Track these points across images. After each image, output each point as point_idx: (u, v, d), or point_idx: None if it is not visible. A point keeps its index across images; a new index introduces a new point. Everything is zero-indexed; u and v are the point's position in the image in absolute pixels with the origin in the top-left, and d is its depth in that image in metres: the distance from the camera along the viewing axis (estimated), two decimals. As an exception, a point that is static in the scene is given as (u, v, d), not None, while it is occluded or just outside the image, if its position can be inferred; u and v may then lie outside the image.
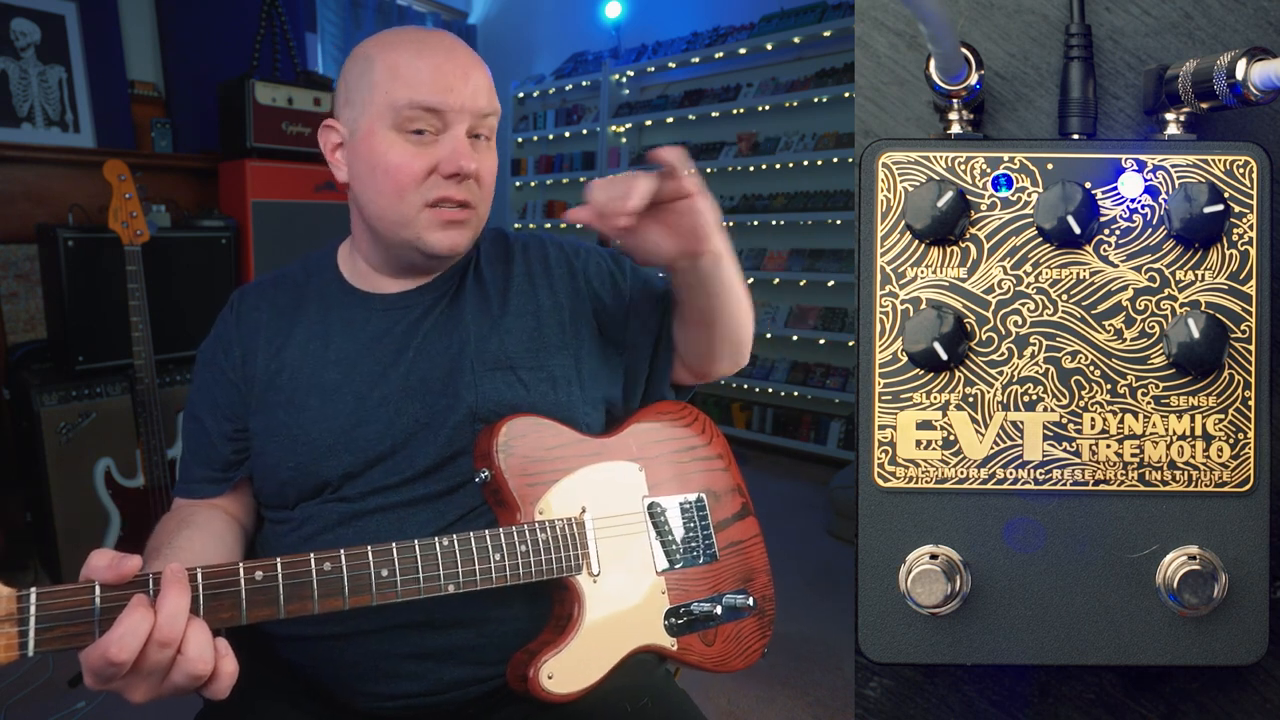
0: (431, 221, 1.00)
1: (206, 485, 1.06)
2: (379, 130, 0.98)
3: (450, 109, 0.98)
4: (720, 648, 1.11)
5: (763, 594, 1.16)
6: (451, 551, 0.88)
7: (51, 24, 3.12)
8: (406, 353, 1.03)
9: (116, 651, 0.68)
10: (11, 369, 2.87)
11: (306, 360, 1.03)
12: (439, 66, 0.98)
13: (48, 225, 2.68)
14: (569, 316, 1.10)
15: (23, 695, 2.18)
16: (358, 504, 0.99)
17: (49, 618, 0.68)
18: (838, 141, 4.64)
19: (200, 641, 0.72)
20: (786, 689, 2.32)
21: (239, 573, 0.77)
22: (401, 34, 1.05)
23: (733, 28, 5.14)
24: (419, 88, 0.97)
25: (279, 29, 3.30)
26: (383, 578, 0.84)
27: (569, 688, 0.95)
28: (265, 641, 1.04)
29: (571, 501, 1.01)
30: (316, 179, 3.28)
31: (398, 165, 0.97)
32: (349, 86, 1.03)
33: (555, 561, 0.96)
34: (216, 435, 1.06)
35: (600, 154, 5.82)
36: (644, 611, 1.03)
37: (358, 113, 1.01)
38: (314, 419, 1.00)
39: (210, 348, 1.10)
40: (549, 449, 1.01)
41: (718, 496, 1.17)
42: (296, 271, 1.13)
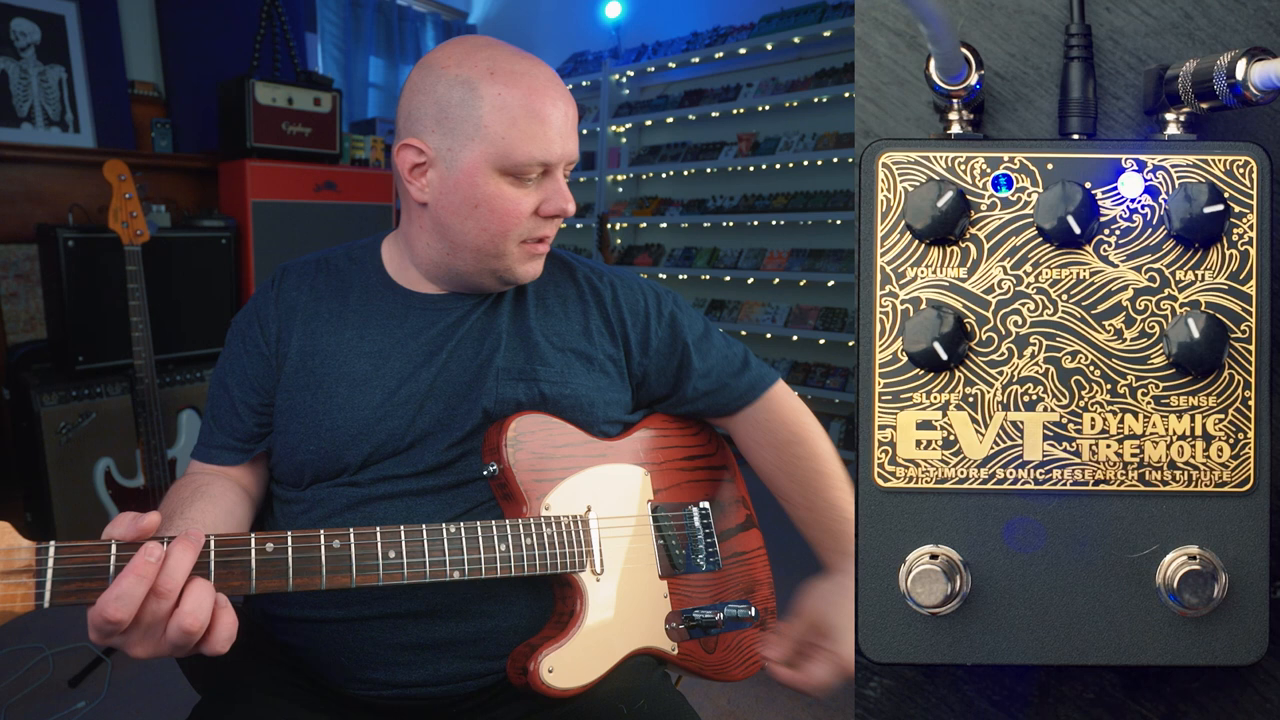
0: (524, 255, 1.03)
1: (226, 453, 1.07)
2: (484, 170, 0.98)
3: (559, 162, 1.00)
4: (721, 656, 1.11)
5: (764, 606, 1.16)
6: (458, 538, 0.90)
7: (51, 24, 3.12)
8: (439, 355, 1.04)
9: (113, 610, 0.70)
10: (11, 369, 2.87)
11: (340, 348, 1.05)
12: (554, 122, 0.98)
13: (48, 225, 2.68)
14: (603, 342, 1.11)
15: (23, 695, 2.18)
16: (368, 489, 1.01)
17: (65, 572, 0.70)
18: (838, 141, 4.64)
19: (198, 596, 0.74)
20: (786, 689, 2.32)
21: (250, 543, 0.79)
22: (507, 64, 0.99)
23: (733, 28, 5.14)
24: (537, 146, 0.97)
25: (279, 29, 3.30)
26: (389, 559, 0.86)
27: (568, 683, 0.95)
28: (262, 623, 1.05)
29: (577, 499, 1.02)
30: (316, 179, 3.28)
31: (506, 209, 0.99)
32: (445, 112, 0.98)
33: (559, 556, 0.97)
34: (242, 406, 1.07)
35: (600, 154, 5.81)
36: (645, 613, 1.04)
37: (457, 145, 0.98)
38: (340, 407, 1.02)
39: (245, 319, 1.11)
40: (557, 447, 1.03)
41: (722, 507, 1.17)
42: (340, 257, 1.14)
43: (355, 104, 5.31)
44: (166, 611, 0.73)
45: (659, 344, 1.13)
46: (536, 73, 1.00)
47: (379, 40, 5.69)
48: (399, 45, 5.83)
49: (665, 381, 1.15)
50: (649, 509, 1.09)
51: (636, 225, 5.72)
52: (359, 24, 5.51)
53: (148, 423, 2.42)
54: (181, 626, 0.73)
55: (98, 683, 2.24)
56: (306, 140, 3.24)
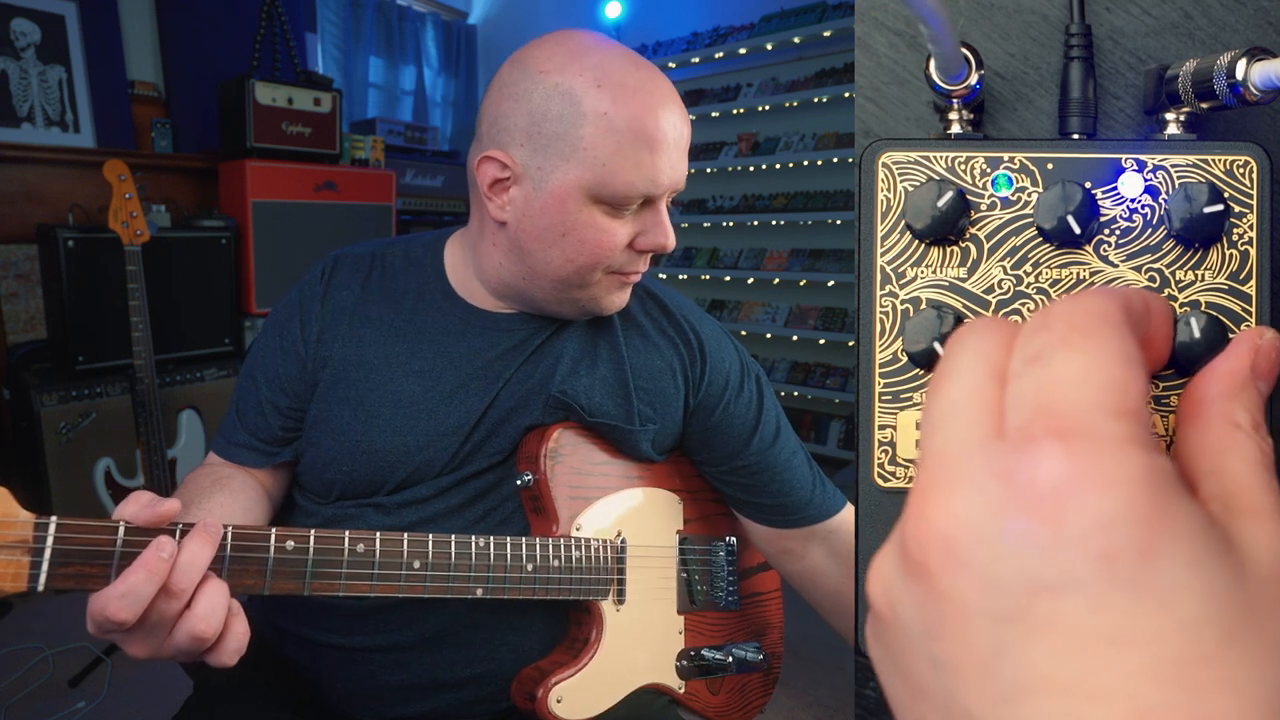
0: (612, 285, 0.93)
1: (247, 453, 0.99)
2: (577, 196, 0.86)
3: (665, 192, 0.88)
4: (724, 699, 1.07)
5: (773, 650, 1.13)
6: (486, 553, 0.85)
7: (51, 24, 3.12)
8: (496, 383, 0.95)
9: (116, 609, 0.64)
10: (11, 369, 2.87)
11: (389, 363, 0.95)
12: (666, 149, 0.86)
13: (48, 225, 2.68)
14: (670, 398, 1.01)
15: (23, 695, 2.18)
16: (395, 515, 0.95)
17: (66, 552, 0.64)
18: (838, 141, 4.64)
19: (213, 601, 0.68)
20: (786, 689, 2.32)
21: (270, 539, 0.74)
22: (619, 75, 0.85)
23: (733, 28, 5.14)
24: (642, 175, 0.85)
25: (279, 29, 3.30)
26: (413, 569, 0.81)
27: (576, 715, 0.92)
28: (263, 630, 1.01)
29: (609, 522, 0.97)
30: (316, 179, 3.28)
31: (598, 241, 0.87)
32: (539, 125, 0.85)
33: (585, 583, 0.92)
34: (269, 406, 0.98)
35: (600, 154, 5.81)
36: (658, 648, 1.00)
37: (549, 164, 0.86)
38: (381, 430, 0.93)
39: (288, 311, 1.00)
40: (595, 464, 0.98)
41: (745, 544, 1.13)
42: (397, 256, 1.02)
43: (355, 104, 5.31)
44: (176, 612, 0.67)
45: (736, 403, 1.03)
46: (653, 87, 0.86)
47: (379, 40, 5.69)
48: (399, 45, 5.83)
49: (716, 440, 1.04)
50: (676, 539, 1.04)
51: (636, 225, 5.72)
52: (359, 24, 5.50)
53: (148, 423, 2.42)
54: (192, 632, 0.67)
55: (98, 683, 2.24)
56: (306, 140, 3.24)
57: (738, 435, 1.03)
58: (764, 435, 1.04)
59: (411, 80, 5.82)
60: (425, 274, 1.00)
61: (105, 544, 0.66)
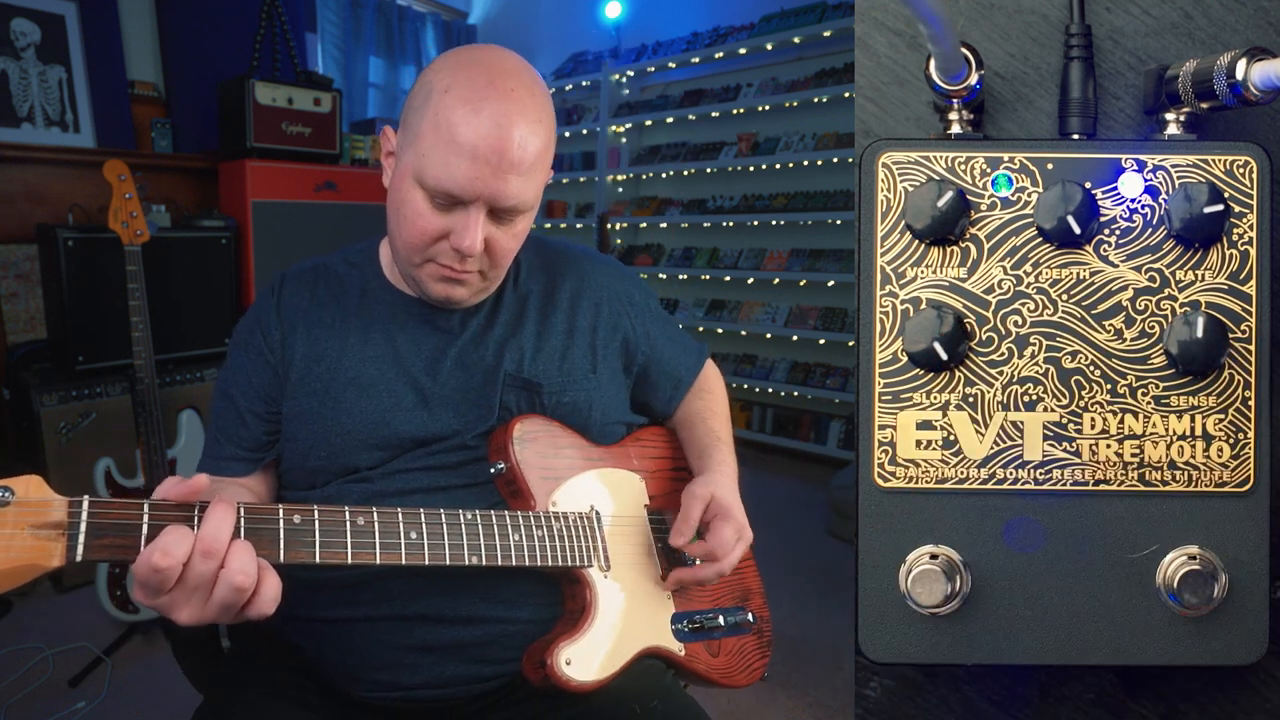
0: (433, 274, 1.00)
1: (235, 464, 1.07)
2: (409, 178, 0.96)
3: (472, 200, 0.94)
4: (725, 660, 1.12)
5: (760, 614, 1.18)
6: (475, 524, 0.92)
7: (51, 24, 3.12)
8: (444, 361, 1.05)
9: (160, 557, 0.70)
10: (11, 369, 2.87)
11: (345, 353, 1.05)
12: (478, 159, 0.92)
13: (48, 225, 2.68)
14: (600, 341, 1.13)
15: (23, 695, 2.18)
16: (380, 484, 1.02)
17: (99, 526, 0.71)
18: (838, 141, 4.64)
19: (243, 557, 0.74)
20: (786, 689, 2.32)
21: (279, 512, 0.81)
22: (476, 90, 0.93)
23: (733, 28, 5.14)
24: (446, 174, 0.93)
25: (279, 29, 3.30)
26: (411, 539, 0.87)
27: (586, 675, 0.96)
28: (269, 625, 1.04)
29: (581, 499, 1.04)
30: (316, 179, 3.28)
31: (414, 222, 0.96)
32: (409, 110, 0.98)
33: (570, 550, 0.98)
34: (249, 415, 1.07)
35: (600, 154, 5.81)
36: (652, 612, 1.05)
37: (404, 144, 0.98)
38: (348, 412, 1.02)
39: (247, 329, 1.10)
40: (559, 449, 1.05)
41: None
42: (337, 263, 1.14)
43: (355, 104, 5.31)
44: (213, 571, 0.73)
45: (638, 324, 1.18)
46: (497, 108, 0.92)
47: (379, 40, 5.69)
48: (399, 45, 5.83)
49: (636, 353, 1.19)
50: (645, 512, 1.10)
51: (637, 225, 5.72)
52: (359, 24, 5.51)
53: (148, 423, 2.42)
54: (232, 583, 0.73)
55: (98, 683, 2.24)
56: (306, 140, 3.24)
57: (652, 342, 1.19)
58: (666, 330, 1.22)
59: (411, 80, 5.81)
60: (365, 273, 1.11)
61: (133, 518, 0.73)
